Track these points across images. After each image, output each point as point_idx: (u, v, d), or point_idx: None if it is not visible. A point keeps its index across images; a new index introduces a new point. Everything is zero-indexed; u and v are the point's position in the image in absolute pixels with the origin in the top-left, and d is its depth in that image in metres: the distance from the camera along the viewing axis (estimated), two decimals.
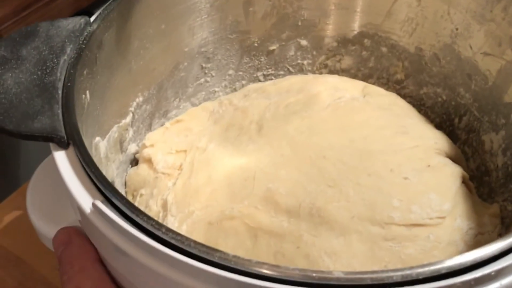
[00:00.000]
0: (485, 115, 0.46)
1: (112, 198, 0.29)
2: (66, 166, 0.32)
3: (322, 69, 0.54)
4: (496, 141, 0.45)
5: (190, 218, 0.40)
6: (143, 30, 0.44)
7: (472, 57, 0.46)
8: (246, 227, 0.39)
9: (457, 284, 0.26)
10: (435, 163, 0.43)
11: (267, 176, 0.41)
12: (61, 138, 0.32)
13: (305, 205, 0.40)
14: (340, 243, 0.38)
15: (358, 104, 0.46)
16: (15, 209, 0.64)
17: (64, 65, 0.36)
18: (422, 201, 0.40)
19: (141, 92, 0.46)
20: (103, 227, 0.29)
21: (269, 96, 0.48)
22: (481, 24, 0.44)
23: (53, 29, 0.38)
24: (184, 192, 0.41)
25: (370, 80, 0.52)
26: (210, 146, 0.44)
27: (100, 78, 0.40)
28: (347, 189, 0.40)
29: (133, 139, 0.46)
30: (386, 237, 0.38)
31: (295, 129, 0.44)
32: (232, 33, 0.50)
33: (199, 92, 0.52)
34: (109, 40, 0.40)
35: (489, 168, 0.46)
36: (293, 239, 0.39)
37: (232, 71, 0.53)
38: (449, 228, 0.39)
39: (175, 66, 0.49)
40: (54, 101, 0.34)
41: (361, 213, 0.39)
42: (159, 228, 0.28)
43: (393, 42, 0.50)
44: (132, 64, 0.44)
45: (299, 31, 0.52)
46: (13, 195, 0.66)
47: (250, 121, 0.46)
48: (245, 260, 0.27)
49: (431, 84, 0.49)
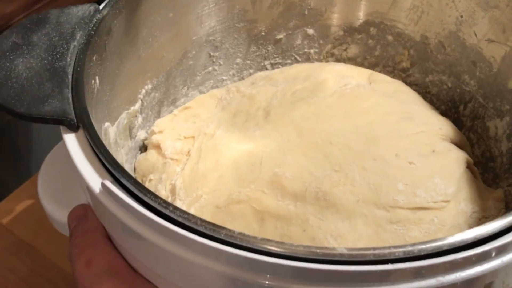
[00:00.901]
0: (489, 101, 0.46)
1: (121, 178, 0.30)
2: (76, 148, 0.32)
3: (329, 58, 0.54)
4: (501, 127, 0.45)
5: (198, 202, 0.40)
6: (152, 18, 0.45)
7: (477, 44, 0.46)
8: (253, 210, 0.40)
9: (458, 260, 0.27)
10: (440, 148, 0.43)
11: (273, 161, 0.42)
12: (71, 121, 0.33)
13: (311, 189, 0.40)
14: (346, 226, 0.39)
15: (363, 90, 0.46)
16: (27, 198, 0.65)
17: (74, 51, 0.37)
18: (427, 185, 0.40)
19: (150, 79, 0.47)
20: (112, 207, 0.30)
21: (276, 83, 0.49)
22: (486, 11, 0.44)
23: (63, 16, 0.39)
24: (192, 177, 0.42)
25: (376, 69, 0.53)
26: (218, 132, 0.45)
27: (109, 64, 0.40)
28: (353, 173, 0.41)
29: (142, 125, 0.46)
30: (391, 220, 0.39)
31: (301, 115, 0.45)
32: (239, 22, 0.51)
33: (207, 81, 0.52)
34: (118, 27, 0.41)
35: (494, 154, 0.46)
36: (300, 222, 0.39)
37: (239, 60, 0.53)
38: (453, 211, 0.40)
39: (184, 55, 0.49)
40: (64, 85, 0.34)
41: (366, 197, 0.40)
42: (167, 206, 0.28)
43: (398, 31, 0.50)
44: (141, 51, 0.45)
45: (305, 20, 0.52)
46: (25, 184, 0.67)
47: (257, 108, 0.47)
48: (250, 237, 0.27)
49: (437, 71, 0.50)
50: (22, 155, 0.80)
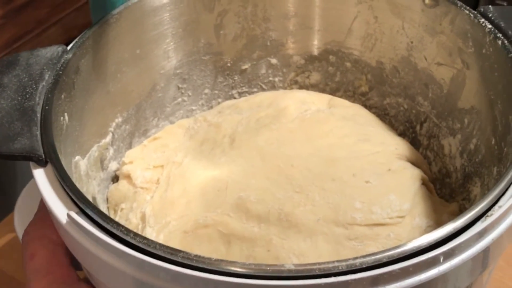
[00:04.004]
0: (442, 121, 0.49)
1: (86, 209, 0.32)
2: (44, 181, 0.35)
3: (293, 85, 0.57)
4: (454, 145, 0.48)
5: (167, 228, 0.43)
6: (119, 55, 0.47)
7: (428, 68, 0.49)
8: (219, 233, 0.42)
9: (396, 271, 0.29)
10: (395, 167, 0.46)
11: (238, 185, 0.44)
12: (39, 157, 0.35)
13: (274, 210, 0.42)
14: (307, 244, 0.41)
15: (323, 115, 0.49)
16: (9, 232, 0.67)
17: (43, 90, 0.39)
18: (382, 202, 0.42)
19: (120, 113, 0.49)
20: (78, 236, 0.32)
21: (241, 111, 0.52)
22: (433, 37, 0.47)
23: (32, 58, 0.41)
24: (161, 204, 0.44)
25: (337, 93, 0.56)
26: (186, 160, 0.47)
27: (78, 101, 0.43)
28: (313, 194, 0.43)
29: (114, 157, 0.49)
30: (350, 236, 0.41)
31: (265, 141, 0.47)
32: (205, 54, 0.54)
33: (177, 111, 0.55)
34: (86, 66, 0.44)
35: (449, 170, 0.49)
36: (264, 243, 0.41)
37: (208, 90, 0.56)
38: (409, 226, 0.42)
39: (152, 88, 0.52)
40: (33, 123, 0.37)
41: (326, 216, 0.42)
42: (128, 233, 0.31)
43: (355, 57, 0.53)
44: (110, 87, 0.47)
45: (268, 50, 0.55)
46: (7, 218, 0.69)
47: (223, 135, 0.49)
48: (205, 258, 0.30)
49: (393, 94, 0.52)
50: (4, 190, 0.82)
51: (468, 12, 0.44)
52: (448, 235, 0.30)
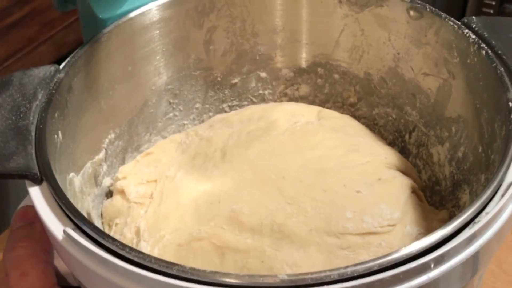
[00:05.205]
0: (431, 130, 0.50)
1: (82, 225, 0.33)
2: (40, 199, 0.35)
3: (283, 97, 0.58)
4: (443, 153, 0.49)
5: (161, 242, 0.43)
6: (111, 73, 0.48)
7: (415, 78, 0.50)
8: (213, 246, 0.42)
9: (387, 278, 0.29)
10: (385, 176, 0.46)
11: (231, 198, 0.45)
12: (35, 175, 0.36)
13: (267, 222, 0.43)
14: (300, 254, 0.42)
15: (312, 127, 0.50)
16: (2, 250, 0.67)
17: (36, 109, 0.40)
18: (373, 211, 0.43)
19: (113, 129, 0.50)
20: (75, 252, 0.32)
21: (232, 125, 0.52)
22: (419, 48, 0.48)
23: (25, 78, 0.42)
24: (154, 218, 0.45)
25: (327, 105, 0.56)
26: (178, 175, 0.48)
27: (72, 119, 0.43)
28: (305, 205, 0.44)
29: (107, 173, 0.49)
30: (342, 246, 0.42)
31: (256, 154, 0.48)
32: (195, 70, 0.54)
33: (169, 126, 0.55)
34: (78, 84, 0.44)
35: (439, 178, 0.50)
36: (257, 254, 0.42)
37: (199, 105, 0.56)
38: (400, 234, 0.43)
39: (144, 103, 0.52)
40: (27, 142, 0.37)
41: (318, 226, 0.42)
42: (123, 248, 0.31)
43: (343, 69, 0.54)
44: (102, 104, 0.48)
45: (257, 64, 0.56)
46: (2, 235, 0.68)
47: (214, 149, 0.50)
48: (200, 270, 0.30)
49: (382, 105, 0.53)
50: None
51: (452, 23, 0.45)
52: (437, 242, 0.31)
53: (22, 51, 1.01)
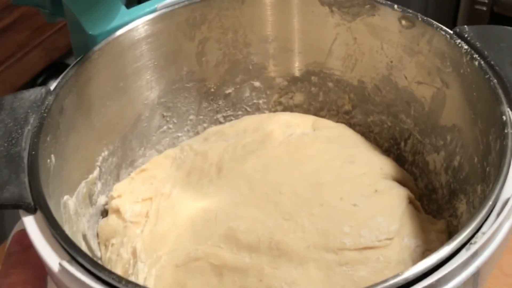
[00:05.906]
0: (426, 137, 0.50)
1: (77, 257, 0.32)
2: (34, 229, 0.35)
3: (277, 106, 0.57)
4: (438, 161, 0.49)
5: (159, 263, 0.43)
6: (102, 90, 0.48)
7: (408, 86, 0.49)
8: (211, 266, 0.42)
9: None
10: (382, 187, 0.46)
11: (227, 215, 0.45)
12: (28, 205, 0.35)
13: (264, 239, 0.43)
14: (299, 272, 0.42)
15: (308, 139, 0.50)
16: None
17: (28, 134, 0.39)
18: (370, 225, 0.43)
19: (106, 146, 0.49)
20: (71, 284, 0.32)
21: (227, 138, 0.52)
22: (412, 56, 0.48)
23: (16, 101, 0.41)
24: (151, 238, 0.44)
25: (321, 113, 0.56)
26: (174, 192, 0.48)
27: (64, 140, 0.43)
28: (302, 220, 0.44)
29: (102, 191, 0.49)
30: (340, 262, 0.42)
31: (251, 168, 0.48)
32: (188, 82, 0.54)
33: (163, 139, 0.55)
34: (70, 105, 0.44)
35: (435, 186, 0.50)
36: (256, 273, 0.42)
37: (193, 116, 0.56)
38: (397, 247, 0.43)
39: (137, 118, 0.52)
40: (20, 170, 0.37)
41: (316, 242, 0.42)
42: (120, 281, 0.31)
43: (337, 77, 0.54)
44: (95, 122, 0.47)
45: (251, 74, 0.55)
46: None
47: (210, 164, 0.49)
48: None
49: (376, 112, 0.53)
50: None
51: (444, 33, 0.44)
52: (432, 267, 0.31)
53: (13, 57, 1.00)
